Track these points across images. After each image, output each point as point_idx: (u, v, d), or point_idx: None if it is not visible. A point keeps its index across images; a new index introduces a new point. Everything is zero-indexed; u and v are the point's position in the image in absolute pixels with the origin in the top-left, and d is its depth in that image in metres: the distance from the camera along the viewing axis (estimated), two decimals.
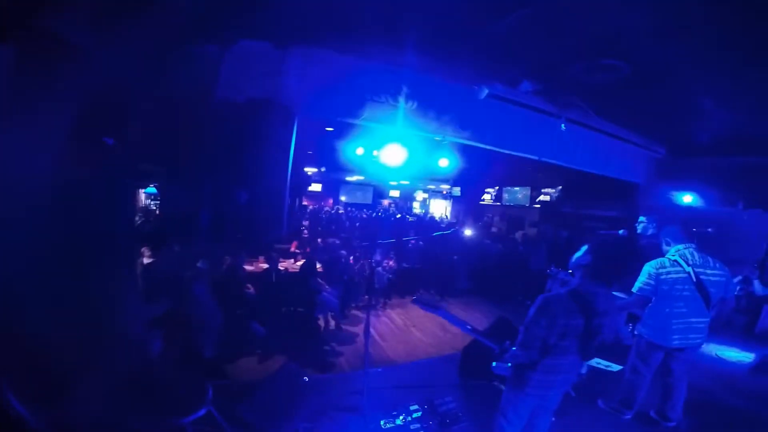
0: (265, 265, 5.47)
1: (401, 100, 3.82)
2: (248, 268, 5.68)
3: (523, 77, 3.79)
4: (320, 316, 5.59)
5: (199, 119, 2.90)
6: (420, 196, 20.36)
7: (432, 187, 18.24)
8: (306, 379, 3.23)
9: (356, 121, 3.88)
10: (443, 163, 5.85)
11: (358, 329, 6.15)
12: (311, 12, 3.00)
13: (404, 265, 8.85)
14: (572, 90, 4.07)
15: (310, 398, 3.07)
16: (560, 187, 10.47)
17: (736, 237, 5.85)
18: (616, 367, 4.12)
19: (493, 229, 12.66)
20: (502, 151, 4.70)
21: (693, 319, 3.06)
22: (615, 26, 2.87)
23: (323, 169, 12.24)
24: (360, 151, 5.96)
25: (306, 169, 12.17)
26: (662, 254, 3.15)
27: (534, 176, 11.21)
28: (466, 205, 15.45)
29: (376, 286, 7.39)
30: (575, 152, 5.27)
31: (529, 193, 11.88)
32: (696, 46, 3.11)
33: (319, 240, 6.99)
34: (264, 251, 5.53)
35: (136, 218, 5.33)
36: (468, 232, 9.77)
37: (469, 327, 2.40)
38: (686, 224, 3.13)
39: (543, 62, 3.62)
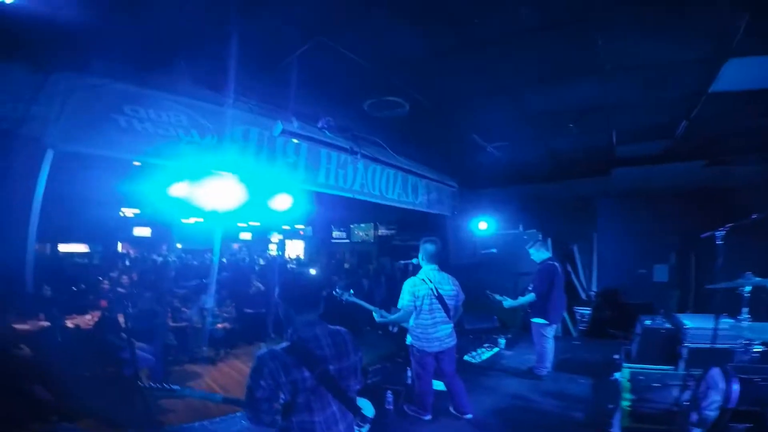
0: (46, 323, 4.66)
1: (195, 134, 3.68)
2: (22, 327, 4.75)
3: (322, 114, 4.10)
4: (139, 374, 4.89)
5: None
6: (275, 237, 19.75)
7: (287, 228, 17.93)
8: None
9: (143, 159, 3.58)
10: (281, 203, 5.77)
11: (193, 383, 5.71)
12: (86, 35, 2.74)
13: (246, 310, 8.37)
14: (367, 127, 4.60)
15: None
16: (393, 222, 11.52)
17: (520, 254, 6.91)
18: None
19: (346, 265, 13.05)
20: (314, 189, 4.90)
21: (443, 326, 3.75)
22: (392, 60, 3.33)
23: (146, 211, 10.81)
24: (181, 190, 5.46)
25: (124, 210, 10.58)
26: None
27: (376, 214, 12.11)
28: (319, 244, 15.71)
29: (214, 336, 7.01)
30: (386, 189, 5.86)
31: (372, 230, 12.71)
32: (449, 85, 3.84)
33: (121, 290, 6.06)
34: (42, 307, 4.60)
35: None
36: (312, 270, 9.83)
37: (219, 397, 2.25)
38: (432, 250, 3.84)
39: (335, 99, 3.97)
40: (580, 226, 8.02)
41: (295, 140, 4.00)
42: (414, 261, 4.08)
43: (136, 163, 5.80)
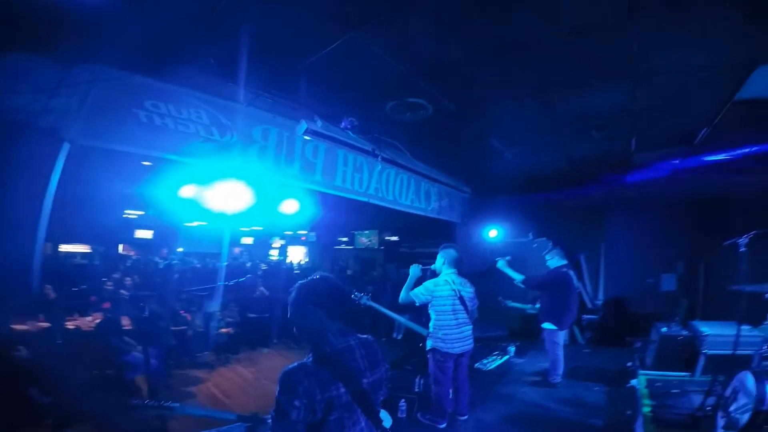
0: (46, 324, 4.57)
1: (215, 132, 3.64)
2: (21, 327, 4.67)
3: (345, 115, 4.06)
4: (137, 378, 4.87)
5: None
6: (277, 242, 19.69)
7: (289, 233, 17.88)
8: None
9: (162, 156, 3.51)
10: (289, 207, 5.70)
11: (195, 389, 5.72)
12: (109, 28, 2.69)
13: (250, 315, 8.31)
14: (388, 129, 4.56)
15: None
16: (399, 228, 11.46)
17: (531, 263, 6.71)
18: None
19: (348, 272, 12.96)
20: (330, 192, 4.85)
21: (464, 328, 3.78)
22: (424, 61, 3.29)
23: (150, 213, 10.72)
24: (189, 191, 5.39)
25: (128, 212, 10.50)
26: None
27: (381, 220, 12.06)
28: (322, 250, 15.64)
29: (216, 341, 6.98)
30: (399, 194, 5.81)
31: (377, 236, 12.64)
32: (480, 89, 3.82)
33: (123, 292, 5.97)
34: (42, 308, 4.52)
35: None
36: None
37: (233, 416, 2.15)
38: (455, 255, 3.90)
39: (358, 99, 3.93)
40: (588, 235, 7.99)
41: (307, 137, 3.93)
42: (432, 267, 4.05)
43: (146, 163, 5.76)
